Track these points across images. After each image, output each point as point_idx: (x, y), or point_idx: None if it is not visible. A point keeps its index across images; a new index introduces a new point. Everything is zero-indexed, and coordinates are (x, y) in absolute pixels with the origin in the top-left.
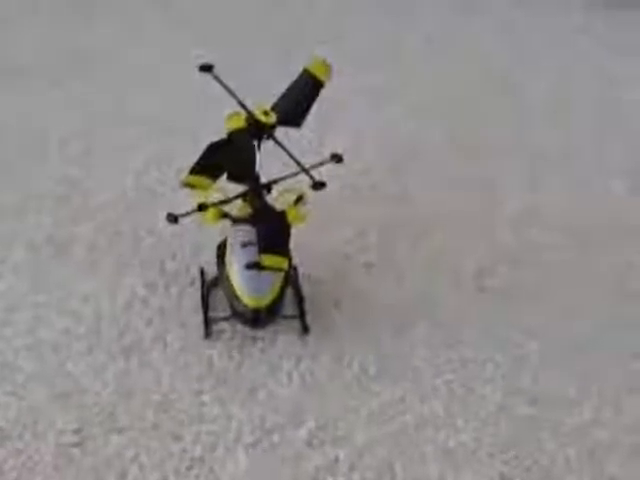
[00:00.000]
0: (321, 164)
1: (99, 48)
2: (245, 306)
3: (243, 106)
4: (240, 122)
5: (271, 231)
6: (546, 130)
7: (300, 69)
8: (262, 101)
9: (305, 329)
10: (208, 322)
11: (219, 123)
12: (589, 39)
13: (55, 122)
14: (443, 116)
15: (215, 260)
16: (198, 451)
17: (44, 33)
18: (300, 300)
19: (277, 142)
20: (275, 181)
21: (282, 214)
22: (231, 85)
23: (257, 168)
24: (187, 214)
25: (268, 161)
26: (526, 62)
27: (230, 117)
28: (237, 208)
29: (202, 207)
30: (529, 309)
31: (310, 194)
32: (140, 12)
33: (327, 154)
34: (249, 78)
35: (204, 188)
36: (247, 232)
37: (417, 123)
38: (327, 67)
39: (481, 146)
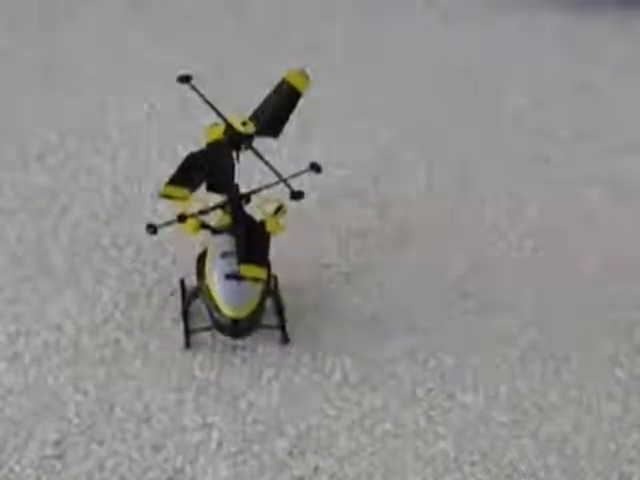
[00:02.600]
0: (300, 174)
1: (77, 57)
2: (225, 316)
3: (221, 116)
4: (219, 133)
5: (250, 241)
6: (523, 136)
7: (278, 79)
8: (241, 111)
9: (285, 339)
10: (189, 333)
11: (198, 134)
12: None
13: (33, 133)
14: (422, 125)
15: (195, 271)
16: (179, 462)
17: (21, 41)
18: (280, 310)
19: (256, 152)
20: (254, 191)
21: (261, 224)
22: (209, 96)
23: (236, 178)
24: (166, 225)
25: (247, 171)
26: (502, 67)
27: (209, 128)
28: (217, 218)
29: (181, 218)
30: (509, 316)
31: (289, 204)
32: (118, 22)
33: (306, 164)
34: (227, 88)
35: (183, 199)
36: (227, 242)
37: (397, 132)
38: (305, 77)
39: (459, 154)
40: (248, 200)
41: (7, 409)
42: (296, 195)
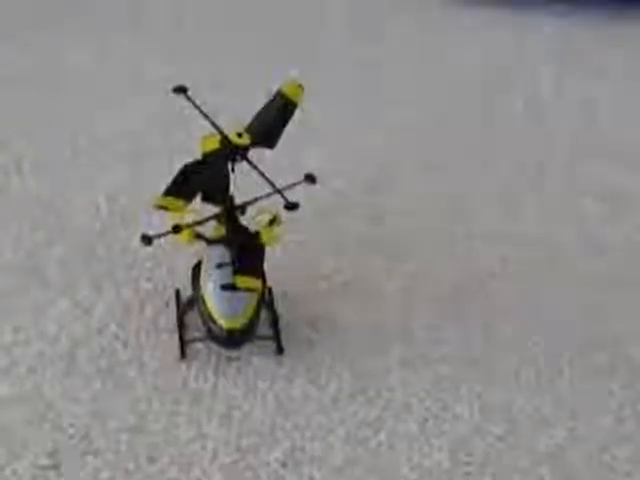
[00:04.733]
0: (295, 185)
1: (74, 67)
2: (220, 327)
3: (216, 127)
4: (214, 144)
5: (245, 252)
6: (521, 147)
7: (274, 90)
8: (235, 122)
9: (280, 350)
10: (183, 343)
11: (193, 145)
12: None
13: (29, 143)
14: (418, 135)
15: (190, 281)
16: (174, 473)
17: (12, 51)
18: (275, 321)
19: (251, 163)
20: (249, 202)
21: (256, 235)
22: (204, 107)
23: (231, 189)
24: (161, 235)
25: (242, 182)
26: (501, 78)
27: (204, 139)
28: (212, 229)
29: (176, 228)
30: (504, 327)
31: (284, 215)
32: (109, 31)
33: (301, 175)
34: (223, 100)
35: (178, 210)
36: (222, 253)
37: (392, 143)
38: (300, 88)
39: (456, 165)
40: (243, 211)
41: (2, 419)
42: (291, 206)
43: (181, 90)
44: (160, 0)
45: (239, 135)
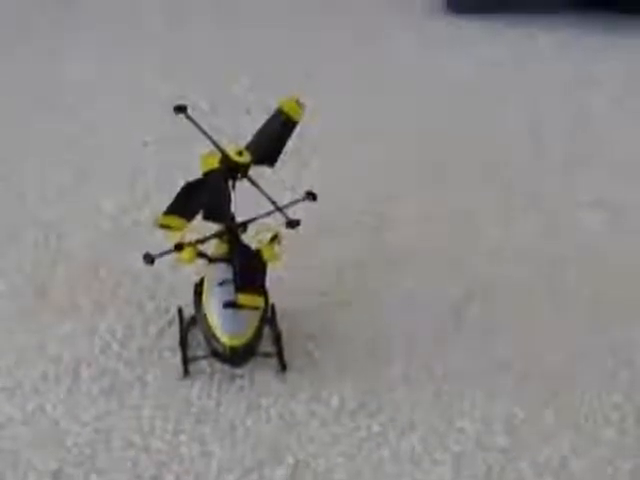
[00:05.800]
0: (295, 202)
1: (74, 85)
2: (223, 345)
3: (217, 146)
4: (215, 162)
5: (247, 270)
6: (520, 160)
7: (273, 107)
8: (235, 141)
9: (283, 366)
10: (187, 361)
11: (194, 163)
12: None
13: (29, 164)
14: (419, 151)
15: (193, 299)
16: None
17: (12, 68)
18: (278, 338)
19: (252, 181)
20: (250, 220)
21: (258, 252)
22: (205, 125)
23: (232, 207)
24: (164, 254)
25: (243, 200)
26: (499, 92)
27: (205, 157)
28: (213, 247)
29: (178, 247)
30: (506, 340)
31: (285, 232)
32: (115, 51)
33: (302, 192)
34: (223, 118)
35: (179, 228)
36: (224, 271)
37: (392, 159)
38: (300, 106)
39: (456, 181)
40: (245, 229)
41: (6, 439)
42: (292, 224)
43: (181, 109)
44: (159, 9)
45: (239, 153)
